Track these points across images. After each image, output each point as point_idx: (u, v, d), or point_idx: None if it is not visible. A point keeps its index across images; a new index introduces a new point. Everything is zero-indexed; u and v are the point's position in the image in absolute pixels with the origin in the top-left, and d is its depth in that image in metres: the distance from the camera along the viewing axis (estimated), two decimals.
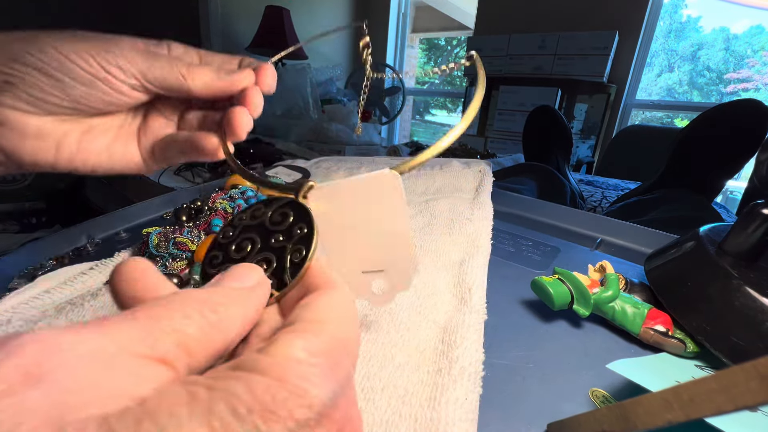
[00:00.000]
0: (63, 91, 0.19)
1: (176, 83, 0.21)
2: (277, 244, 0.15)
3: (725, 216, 0.67)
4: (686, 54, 2.42)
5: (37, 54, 0.18)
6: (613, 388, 0.23)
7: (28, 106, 0.19)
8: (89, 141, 0.21)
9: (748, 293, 0.24)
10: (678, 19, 2.42)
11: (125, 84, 0.20)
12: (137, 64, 0.20)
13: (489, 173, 0.51)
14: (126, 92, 0.20)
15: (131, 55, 0.20)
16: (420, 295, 0.28)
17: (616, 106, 1.91)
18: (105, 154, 0.22)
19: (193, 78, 0.21)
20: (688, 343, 0.26)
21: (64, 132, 0.21)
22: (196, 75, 0.21)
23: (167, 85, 0.21)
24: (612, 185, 1.09)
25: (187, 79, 0.21)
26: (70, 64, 0.18)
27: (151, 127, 0.23)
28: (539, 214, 0.50)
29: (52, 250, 0.35)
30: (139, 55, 0.20)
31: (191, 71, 0.21)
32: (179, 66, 0.21)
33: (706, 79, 2.42)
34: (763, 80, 2.16)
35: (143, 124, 0.24)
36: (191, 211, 0.38)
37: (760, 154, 0.59)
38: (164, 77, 0.20)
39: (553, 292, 0.27)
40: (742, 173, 0.75)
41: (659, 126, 1.71)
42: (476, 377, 0.21)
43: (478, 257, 0.32)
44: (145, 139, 0.23)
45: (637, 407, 0.14)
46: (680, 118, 2.17)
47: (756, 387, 0.11)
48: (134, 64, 0.20)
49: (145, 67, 0.20)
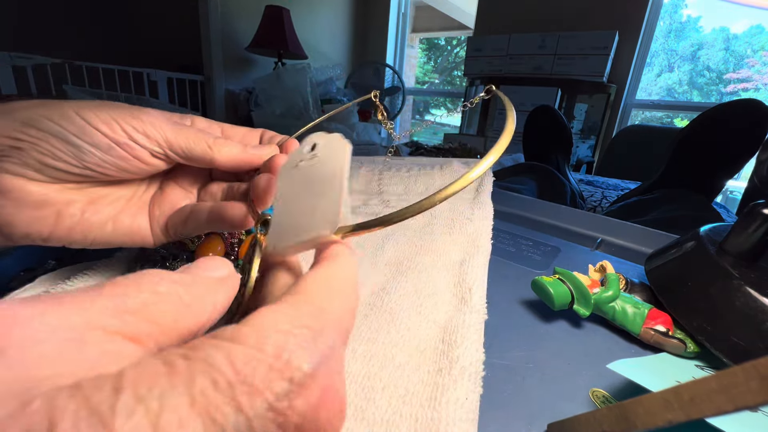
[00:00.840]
0: (77, 158, 0.18)
1: (201, 153, 0.21)
2: None
3: (725, 216, 0.67)
4: (686, 54, 2.42)
5: (57, 119, 0.17)
6: (613, 388, 0.23)
7: (35, 172, 0.18)
8: (94, 212, 0.20)
9: (749, 293, 0.24)
10: (678, 19, 2.42)
11: (146, 150, 0.20)
12: (164, 131, 0.20)
13: (489, 173, 0.51)
14: (145, 159, 0.20)
15: (158, 122, 0.20)
16: (420, 295, 0.28)
17: (616, 106, 1.91)
18: (109, 226, 0.21)
19: (219, 150, 0.21)
20: (689, 343, 0.26)
21: (67, 201, 0.19)
22: (222, 148, 0.21)
23: (192, 155, 0.21)
24: (612, 185, 1.09)
25: (213, 150, 0.21)
26: (91, 129, 0.18)
27: (167, 198, 0.23)
28: (539, 214, 0.50)
29: (52, 250, 0.35)
30: (166, 122, 0.20)
31: (217, 143, 0.21)
32: (206, 137, 0.21)
33: (706, 79, 2.42)
34: (763, 80, 2.16)
35: (158, 195, 0.23)
36: None
37: (760, 154, 0.59)
38: (190, 147, 0.20)
39: (554, 292, 0.27)
40: (742, 173, 0.75)
41: (659, 126, 1.71)
42: (477, 377, 0.21)
43: (478, 257, 0.32)
44: (159, 211, 0.22)
45: (637, 407, 0.14)
46: (680, 118, 2.17)
47: (756, 387, 0.11)
48: (160, 131, 0.20)
49: (172, 135, 0.20)
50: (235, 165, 0.22)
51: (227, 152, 0.21)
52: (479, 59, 2.05)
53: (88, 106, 0.18)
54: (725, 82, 2.33)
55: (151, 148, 0.20)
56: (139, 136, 0.19)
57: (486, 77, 2.06)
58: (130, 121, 0.19)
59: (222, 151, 0.21)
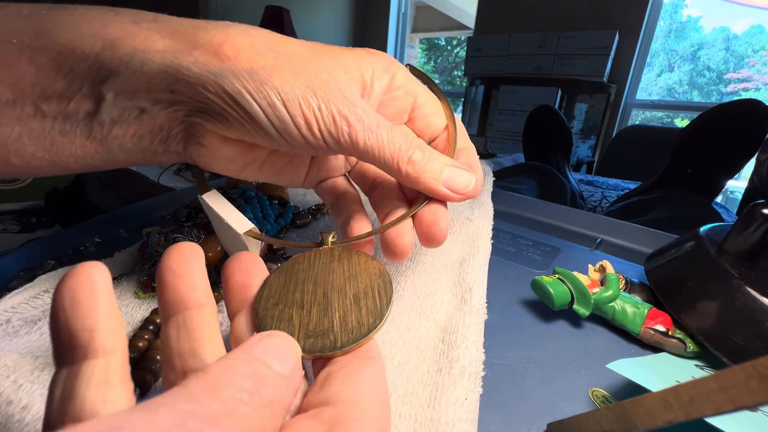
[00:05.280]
0: (270, 142, 0.18)
1: (391, 168, 0.18)
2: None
3: (725, 216, 0.67)
4: (686, 54, 2.42)
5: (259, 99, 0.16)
6: (613, 388, 0.23)
7: (234, 140, 0.18)
8: (270, 165, 0.22)
9: (749, 293, 0.24)
10: (678, 18, 2.42)
11: None
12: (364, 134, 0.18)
13: (489, 173, 0.51)
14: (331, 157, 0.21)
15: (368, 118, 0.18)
16: (420, 295, 0.28)
17: (616, 106, 1.91)
18: (276, 176, 0.23)
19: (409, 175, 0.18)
20: (688, 343, 0.26)
21: (252, 159, 0.21)
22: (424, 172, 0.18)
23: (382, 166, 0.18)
24: (612, 185, 1.09)
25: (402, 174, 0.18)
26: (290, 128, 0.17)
27: (326, 163, 0.23)
28: (539, 214, 0.50)
29: (52, 250, 0.35)
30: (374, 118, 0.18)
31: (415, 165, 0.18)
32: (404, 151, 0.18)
33: (706, 79, 2.42)
34: (763, 80, 2.16)
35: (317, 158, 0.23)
36: (191, 210, 0.38)
37: (760, 154, 0.59)
38: (384, 159, 0.18)
39: (554, 292, 0.27)
40: (742, 173, 0.75)
41: (659, 126, 1.71)
42: (476, 377, 0.21)
43: (478, 257, 0.32)
44: (316, 170, 0.23)
45: (637, 407, 0.14)
46: (680, 118, 2.17)
47: (756, 387, 0.11)
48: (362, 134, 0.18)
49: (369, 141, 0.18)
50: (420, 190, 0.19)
51: (423, 178, 0.18)
52: (479, 59, 2.05)
53: (288, 82, 0.16)
54: (725, 82, 2.33)
55: (338, 148, 0.18)
56: (332, 141, 0.17)
57: (486, 77, 2.06)
58: (336, 113, 0.17)
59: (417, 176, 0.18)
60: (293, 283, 0.16)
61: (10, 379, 0.19)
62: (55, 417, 0.10)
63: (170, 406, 0.08)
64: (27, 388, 0.19)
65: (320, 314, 0.15)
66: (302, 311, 0.15)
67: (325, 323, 0.14)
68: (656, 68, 2.43)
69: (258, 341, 0.11)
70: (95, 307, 0.10)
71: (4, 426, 0.17)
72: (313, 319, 0.14)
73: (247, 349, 0.11)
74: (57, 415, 0.10)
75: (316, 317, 0.14)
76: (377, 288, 0.15)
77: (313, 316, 0.14)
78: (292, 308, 0.15)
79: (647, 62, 1.91)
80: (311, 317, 0.14)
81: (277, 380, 0.10)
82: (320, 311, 0.15)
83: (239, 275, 0.15)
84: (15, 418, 0.17)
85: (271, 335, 0.12)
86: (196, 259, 0.14)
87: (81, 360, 0.10)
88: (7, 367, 0.19)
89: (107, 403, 0.10)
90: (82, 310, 0.10)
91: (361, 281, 0.16)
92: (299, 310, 0.15)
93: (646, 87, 2.18)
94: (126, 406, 0.10)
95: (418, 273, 0.30)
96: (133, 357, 0.21)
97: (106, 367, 0.10)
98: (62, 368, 0.10)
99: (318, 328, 0.14)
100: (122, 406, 0.10)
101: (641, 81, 1.94)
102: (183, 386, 0.09)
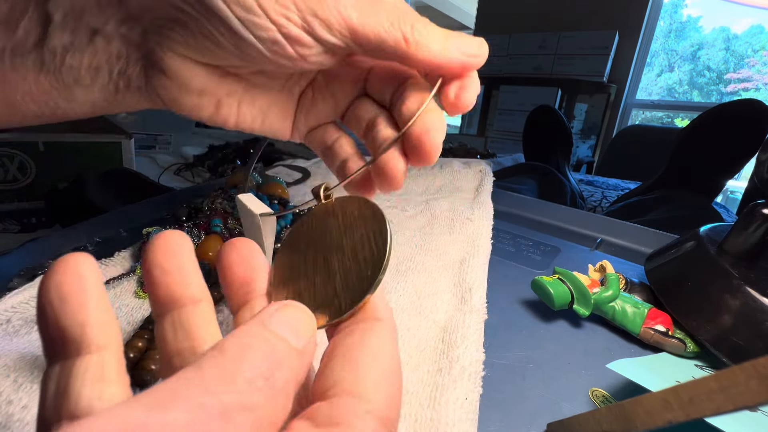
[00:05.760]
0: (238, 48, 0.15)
1: (393, 46, 0.15)
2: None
3: (725, 216, 0.67)
4: (686, 54, 2.42)
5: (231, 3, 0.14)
6: (613, 388, 0.23)
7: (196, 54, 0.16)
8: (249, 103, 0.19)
9: (748, 293, 0.24)
10: (678, 18, 2.42)
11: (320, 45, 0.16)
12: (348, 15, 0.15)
13: (489, 173, 0.51)
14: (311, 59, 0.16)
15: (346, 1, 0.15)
16: (420, 295, 0.28)
17: (616, 106, 1.91)
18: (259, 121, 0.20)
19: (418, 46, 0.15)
20: (688, 343, 0.26)
21: (227, 92, 0.18)
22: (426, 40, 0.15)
23: (382, 48, 0.16)
24: (612, 185, 1.09)
25: (409, 45, 0.15)
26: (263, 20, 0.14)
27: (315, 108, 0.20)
28: (539, 214, 0.50)
29: (52, 250, 0.35)
30: None
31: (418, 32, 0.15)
32: (403, 21, 0.15)
33: (706, 79, 2.42)
34: (763, 80, 2.16)
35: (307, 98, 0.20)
36: (191, 210, 0.38)
37: (760, 154, 0.59)
38: (381, 37, 0.15)
39: (554, 292, 0.27)
40: (742, 173, 0.75)
41: (659, 126, 1.71)
42: (476, 377, 0.21)
43: (478, 257, 0.32)
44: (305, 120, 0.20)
45: (637, 407, 0.14)
46: (680, 118, 2.17)
47: (756, 387, 0.11)
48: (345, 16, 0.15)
49: (360, 20, 0.15)
50: (434, 68, 0.16)
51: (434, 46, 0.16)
52: None
53: None
54: (725, 82, 2.33)
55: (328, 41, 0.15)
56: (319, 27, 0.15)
57: (486, 77, 2.06)
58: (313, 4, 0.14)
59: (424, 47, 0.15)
60: (297, 254, 0.15)
61: (11, 379, 0.19)
62: (49, 415, 0.10)
63: (183, 400, 0.08)
64: (27, 388, 0.19)
65: (324, 280, 0.14)
66: (308, 282, 0.14)
67: (329, 289, 0.14)
68: (656, 68, 2.43)
69: (275, 311, 0.11)
70: (86, 302, 0.10)
71: (5, 425, 0.17)
72: (319, 288, 0.14)
73: (264, 321, 0.10)
74: (51, 412, 0.09)
75: (321, 285, 0.14)
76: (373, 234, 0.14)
77: (318, 284, 0.14)
78: (299, 281, 0.14)
79: (647, 62, 1.91)
80: (317, 286, 0.14)
81: (292, 356, 0.10)
82: (323, 277, 0.14)
83: (237, 267, 0.14)
84: (15, 417, 0.17)
85: (288, 305, 0.11)
86: (185, 250, 0.13)
87: (74, 356, 0.10)
88: (8, 367, 0.19)
89: (103, 399, 0.09)
90: (71, 306, 0.10)
91: (357, 230, 0.15)
92: (306, 282, 0.14)
93: (646, 87, 2.18)
94: None
95: (418, 273, 0.30)
96: (133, 357, 0.21)
97: (100, 362, 0.10)
98: (54, 364, 0.10)
99: (325, 296, 0.13)
100: None
101: (641, 81, 1.94)
102: (197, 367, 0.09)
